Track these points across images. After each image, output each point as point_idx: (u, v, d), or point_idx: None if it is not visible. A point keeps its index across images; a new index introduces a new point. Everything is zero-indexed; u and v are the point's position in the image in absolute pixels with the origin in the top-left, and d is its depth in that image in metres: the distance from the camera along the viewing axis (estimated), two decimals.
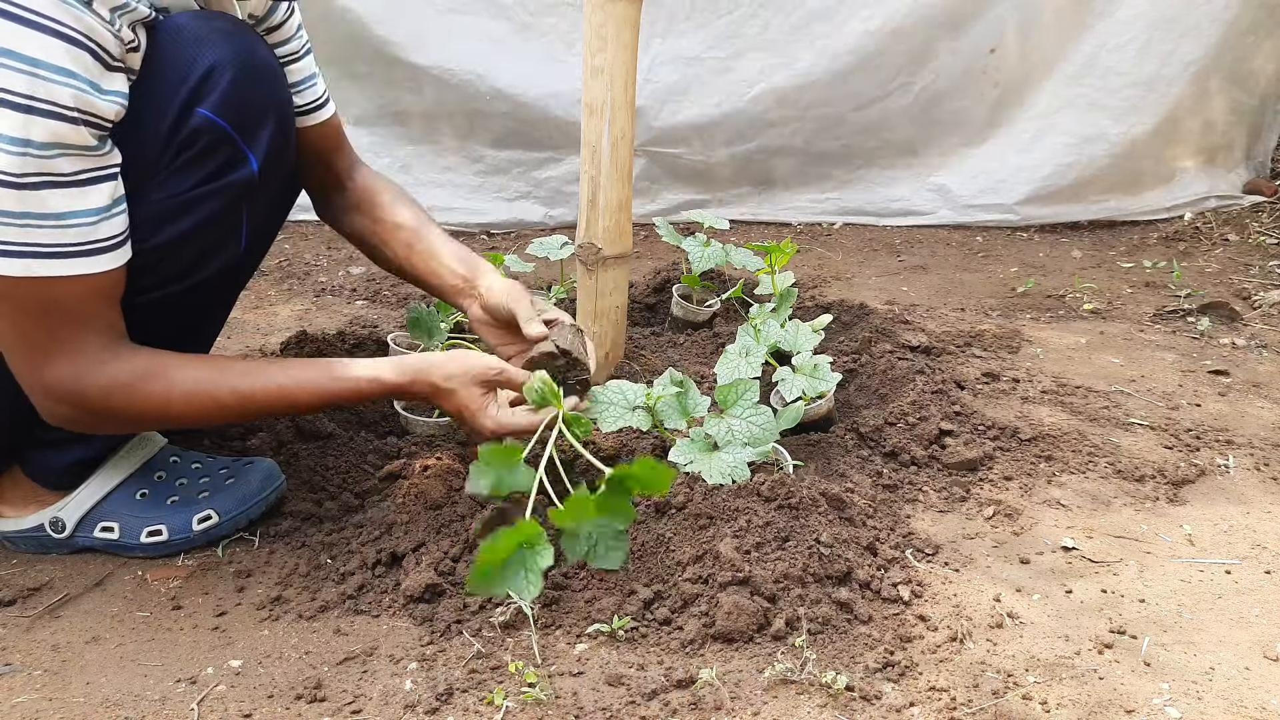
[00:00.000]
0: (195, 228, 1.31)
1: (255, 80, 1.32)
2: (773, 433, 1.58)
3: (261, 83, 1.34)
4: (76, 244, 1.18)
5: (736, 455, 1.52)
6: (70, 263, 1.18)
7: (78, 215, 1.17)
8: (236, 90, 1.29)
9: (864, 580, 1.35)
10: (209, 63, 1.27)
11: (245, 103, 1.31)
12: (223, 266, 1.40)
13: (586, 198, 1.96)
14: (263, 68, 1.35)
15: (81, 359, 1.23)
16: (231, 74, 1.28)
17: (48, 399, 1.26)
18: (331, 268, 3.06)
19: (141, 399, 1.28)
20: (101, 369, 1.25)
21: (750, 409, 1.59)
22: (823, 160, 3.76)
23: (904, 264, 3.28)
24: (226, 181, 1.32)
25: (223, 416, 1.38)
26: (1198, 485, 1.75)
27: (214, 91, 1.27)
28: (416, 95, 3.56)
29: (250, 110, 1.32)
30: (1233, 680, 1.23)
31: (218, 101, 1.27)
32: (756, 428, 1.57)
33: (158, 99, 1.25)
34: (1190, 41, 3.56)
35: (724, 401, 1.60)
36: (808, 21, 3.58)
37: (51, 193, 1.14)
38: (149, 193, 1.27)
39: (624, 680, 1.18)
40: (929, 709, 1.14)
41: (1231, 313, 2.69)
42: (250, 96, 1.32)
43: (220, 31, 1.30)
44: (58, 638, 1.28)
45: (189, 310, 1.43)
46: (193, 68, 1.26)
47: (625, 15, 1.85)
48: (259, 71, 1.33)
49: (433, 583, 1.32)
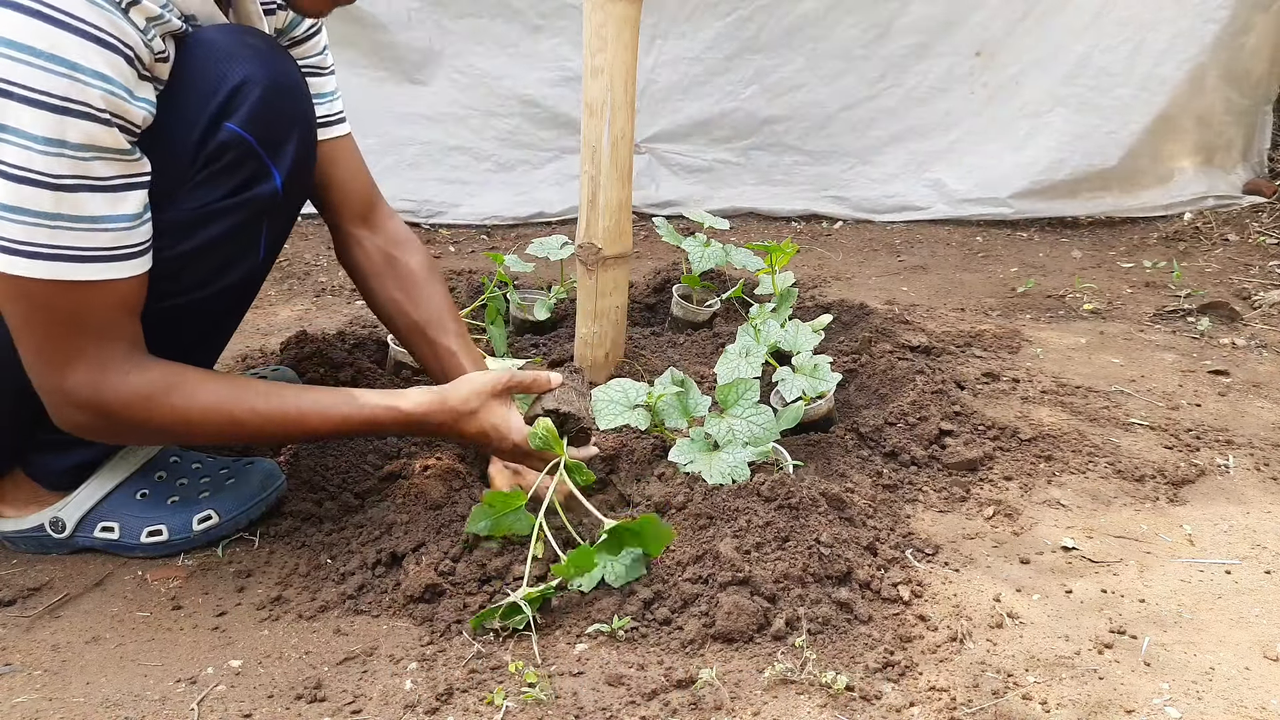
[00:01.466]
0: (218, 239, 1.32)
1: (283, 97, 1.33)
2: (773, 432, 1.58)
3: (289, 100, 1.35)
4: (107, 248, 1.19)
5: (736, 455, 1.53)
6: (98, 267, 1.19)
7: (113, 220, 1.18)
8: (265, 107, 1.30)
9: (864, 580, 1.35)
10: (239, 78, 1.28)
11: (273, 119, 1.32)
12: (242, 276, 1.42)
13: (586, 198, 1.96)
14: (291, 85, 1.35)
15: (103, 368, 1.24)
16: (261, 90, 1.29)
17: (67, 405, 1.26)
18: (331, 268, 3.06)
19: (161, 412, 1.28)
20: (124, 379, 1.25)
21: (751, 409, 1.59)
22: (818, 158, 3.78)
23: (904, 264, 3.28)
24: (251, 195, 1.33)
25: (238, 435, 1.39)
26: (1198, 485, 1.75)
27: (243, 107, 1.28)
28: (426, 93, 3.58)
29: (277, 127, 1.33)
30: (1233, 680, 1.23)
31: (246, 117, 1.28)
32: (757, 427, 1.57)
33: (187, 111, 1.26)
34: (1184, 42, 3.57)
35: (724, 401, 1.60)
36: (801, 25, 3.61)
37: (90, 196, 1.15)
38: (175, 203, 1.28)
39: (624, 680, 1.17)
40: (929, 709, 1.14)
41: (1231, 313, 2.69)
42: (278, 113, 1.32)
43: (251, 48, 1.31)
44: (58, 638, 1.28)
45: (205, 317, 1.45)
46: (223, 82, 1.27)
47: (625, 15, 1.85)
48: (287, 89, 1.34)
49: (433, 583, 1.32)
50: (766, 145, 3.77)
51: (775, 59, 3.67)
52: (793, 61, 3.67)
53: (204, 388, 1.31)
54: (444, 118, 3.62)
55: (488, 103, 3.62)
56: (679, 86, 3.67)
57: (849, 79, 3.69)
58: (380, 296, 1.68)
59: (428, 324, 1.64)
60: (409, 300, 1.66)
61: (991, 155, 3.71)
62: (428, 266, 1.70)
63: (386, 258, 1.68)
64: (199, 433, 1.33)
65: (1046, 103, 3.67)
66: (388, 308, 1.68)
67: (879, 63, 3.68)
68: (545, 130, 3.66)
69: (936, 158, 3.76)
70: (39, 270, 1.15)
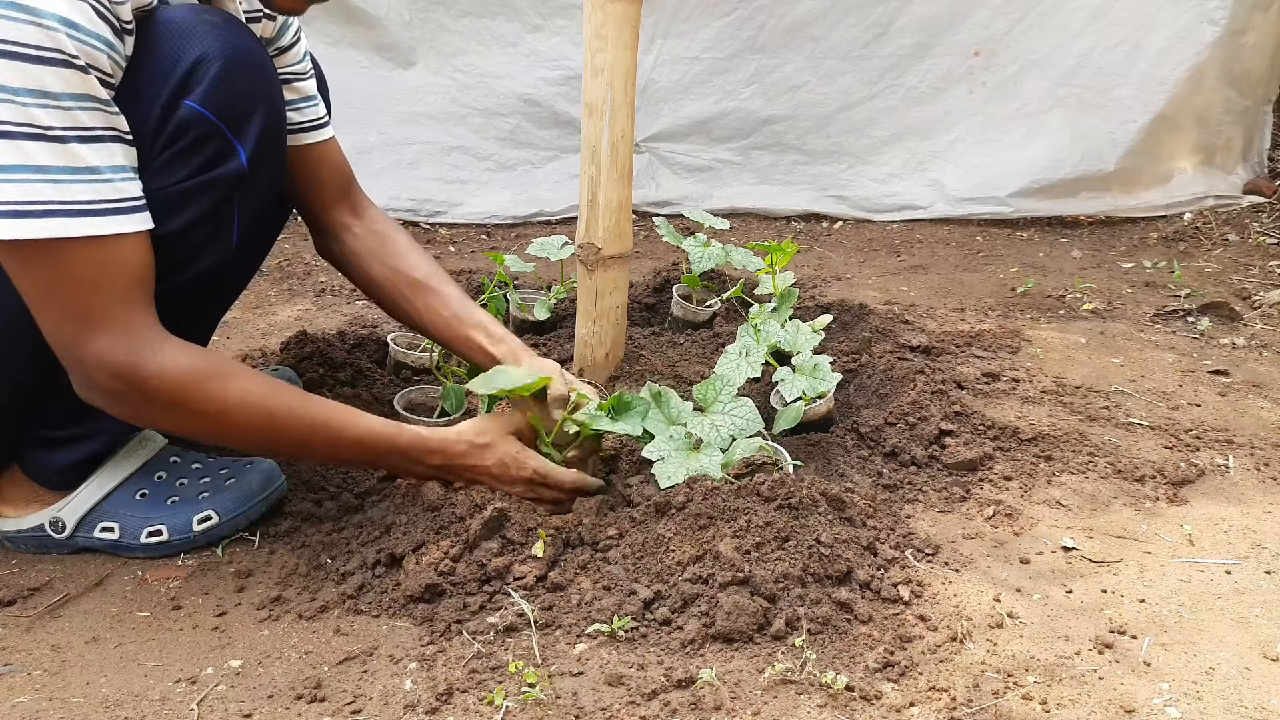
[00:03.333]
0: (186, 222, 1.30)
1: (243, 71, 1.31)
2: (756, 420, 1.58)
3: (249, 74, 1.32)
4: (110, 200, 1.18)
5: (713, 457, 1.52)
6: (107, 220, 1.17)
7: (109, 171, 1.17)
8: (224, 82, 1.28)
9: (864, 580, 1.35)
10: (196, 55, 1.26)
11: (233, 94, 1.29)
12: (215, 262, 1.39)
13: (586, 197, 1.96)
14: (250, 59, 1.33)
15: (131, 334, 1.22)
16: (219, 66, 1.27)
17: (97, 371, 1.22)
18: (331, 268, 3.05)
19: (198, 396, 1.26)
20: (157, 350, 1.23)
21: (730, 402, 1.59)
22: (818, 157, 3.78)
23: (904, 264, 3.28)
24: (216, 174, 1.31)
25: (269, 432, 1.33)
26: (1198, 485, 1.75)
27: (201, 83, 1.26)
28: (426, 92, 3.59)
29: (238, 102, 1.31)
30: (1233, 680, 1.23)
31: (205, 93, 1.26)
32: (740, 419, 1.57)
33: (146, 91, 1.24)
34: (1183, 41, 3.57)
35: (704, 400, 1.61)
36: (801, 25, 3.61)
37: (82, 147, 1.14)
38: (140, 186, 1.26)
39: (624, 680, 1.18)
40: (929, 709, 1.14)
41: (1231, 313, 2.69)
42: (238, 88, 1.30)
43: (208, 24, 1.29)
44: (58, 638, 1.28)
45: (181, 308, 1.41)
46: (179, 60, 1.26)
47: (625, 15, 1.85)
48: (246, 63, 1.32)
49: (433, 583, 1.32)
50: (766, 145, 3.77)
51: (775, 58, 3.67)
52: (793, 61, 3.67)
53: (241, 378, 1.30)
54: (444, 117, 3.62)
55: (488, 102, 3.62)
56: (679, 86, 3.68)
57: (849, 78, 3.69)
58: (374, 271, 1.70)
59: (430, 277, 1.68)
60: (406, 264, 1.68)
61: (991, 155, 3.71)
62: (414, 241, 1.75)
63: (376, 236, 1.71)
64: (231, 424, 1.30)
65: (1046, 102, 3.68)
66: (386, 279, 1.69)
67: (879, 62, 3.68)
68: (545, 130, 3.66)
69: (936, 157, 3.76)
70: (52, 228, 1.13)
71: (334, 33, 3.54)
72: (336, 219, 1.71)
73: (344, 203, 1.71)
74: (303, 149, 1.61)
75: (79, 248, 1.17)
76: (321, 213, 1.71)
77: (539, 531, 1.38)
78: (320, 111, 1.65)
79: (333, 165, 1.68)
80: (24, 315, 1.24)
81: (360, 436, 1.39)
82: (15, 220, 1.13)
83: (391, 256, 1.69)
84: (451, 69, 3.59)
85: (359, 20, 3.51)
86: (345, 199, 1.72)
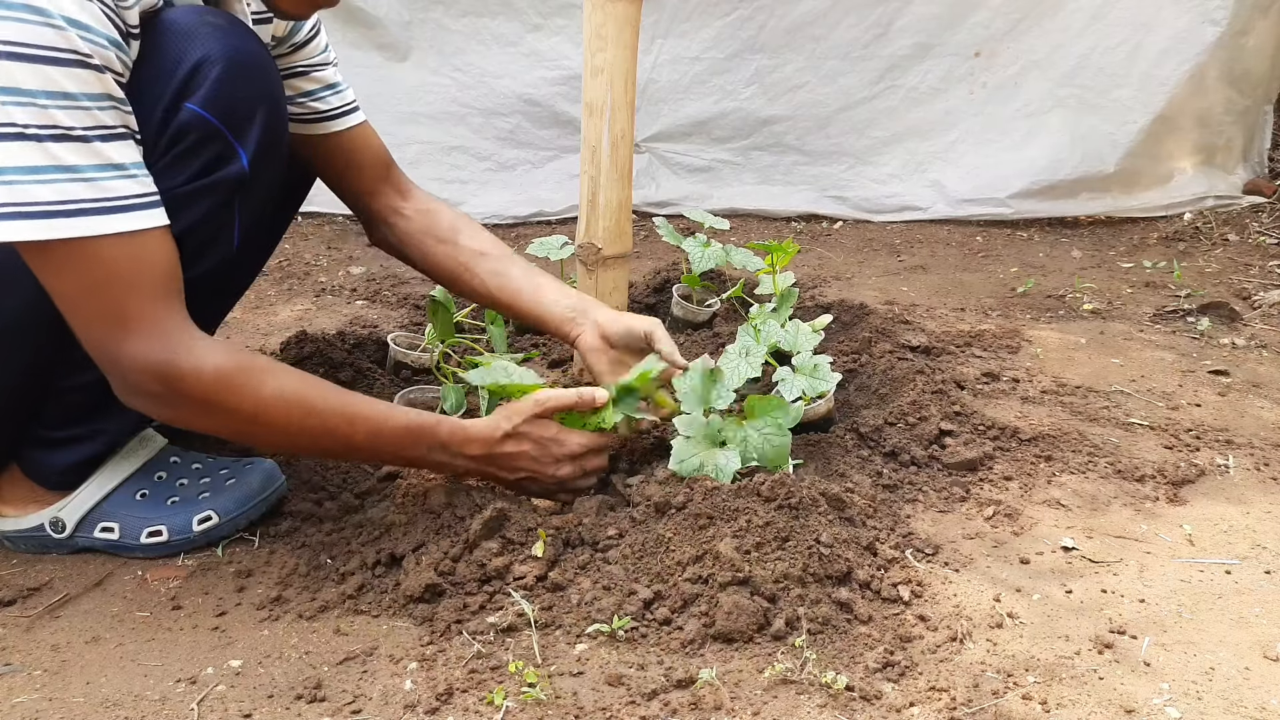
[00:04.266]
0: (187, 225, 1.30)
1: (245, 74, 1.31)
2: (783, 455, 1.53)
3: (251, 77, 1.32)
4: (141, 195, 1.18)
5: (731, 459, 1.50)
6: (140, 215, 1.18)
7: (134, 167, 1.18)
8: (226, 84, 1.28)
9: (864, 580, 1.35)
10: (197, 57, 1.26)
11: (234, 97, 1.29)
12: (216, 264, 1.39)
13: (586, 197, 1.96)
14: (252, 62, 1.33)
15: (168, 336, 1.21)
16: (221, 68, 1.27)
17: (135, 372, 1.22)
18: (331, 268, 3.06)
19: (234, 392, 1.24)
20: (191, 349, 1.22)
21: (773, 428, 1.53)
22: (818, 157, 3.78)
23: (904, 264, 3.28)
24: (217, 178, 1.31)
25: (308, 430, 1.31)
26: (1197, 485, 1.75)
27: (203, 86, 1.26)
28: (426, 92, 3.59)
29: (240, 105, 1.31)
30: (1233, 680, 1.23)
31: (207, 96, 1.26)
32: (769, 446, 1.53)
33: (148, 92, 1.24)
34: (1184, 42, 3.57)
35: (752, 408, 1.56)
36: (801, 25, 3.61)
37: (105, 145, 1.15)
38: None
39: (624, 680, 1.18)
40: (929, 709, 1.14)
41: (1231, 313, 2.69)
42: (239, 91, 1.30)
43: (210, 26, 1.29)
44: (58, 638, 1.28)
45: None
46: (181, 62, 1.25)
47: (625, 15, 1.85)
48: (248, 65, 1.32)
49: (432, 583, 1.32)
50: (766, 145, 3.78)
51: (775, 59, 3.67)
52: (793, 61, 3.67)
53: (276, 373, 1.30)
54: (444, 117, 3.62)
55: (488, 102, 3.62)
56: (679, 86, 3.68)
57: (849, 79, 3.69)
58: (431, 249, 1.71)
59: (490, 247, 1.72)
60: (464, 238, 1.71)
61: (991, 155, 3.72)
62: (464, 214, 1.77)
63: (427, 214, 1.73)
64: (271, 421, 1.28)
65: (1046, 103, 3.68)
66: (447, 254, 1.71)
67: (879, 63, 3.68)
68: (545, 130, 3.67)
69: (936, 158, 3.76)
70: (90, 226, 1.13)
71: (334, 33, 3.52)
72: (384, 204, 1.71)
73: (387, 185, 1.72)
74: (334, 136, 1.61)
75: (114, 245, 1.17)
76: (369, 201, 1.71)
77: (539, 531, 1.38)
78: (348, 97, 1.64)
79: (369, 149, 1.68)
80: (24, 316, 1.24)
81: (405, 426, 1.37)
82: (51, 220, 1.12)
83: (449, 232, 1.71)
84: (451, 68, 3.59)
85: (359, 20, 3.52)
86: (387, 182, 1.72)
